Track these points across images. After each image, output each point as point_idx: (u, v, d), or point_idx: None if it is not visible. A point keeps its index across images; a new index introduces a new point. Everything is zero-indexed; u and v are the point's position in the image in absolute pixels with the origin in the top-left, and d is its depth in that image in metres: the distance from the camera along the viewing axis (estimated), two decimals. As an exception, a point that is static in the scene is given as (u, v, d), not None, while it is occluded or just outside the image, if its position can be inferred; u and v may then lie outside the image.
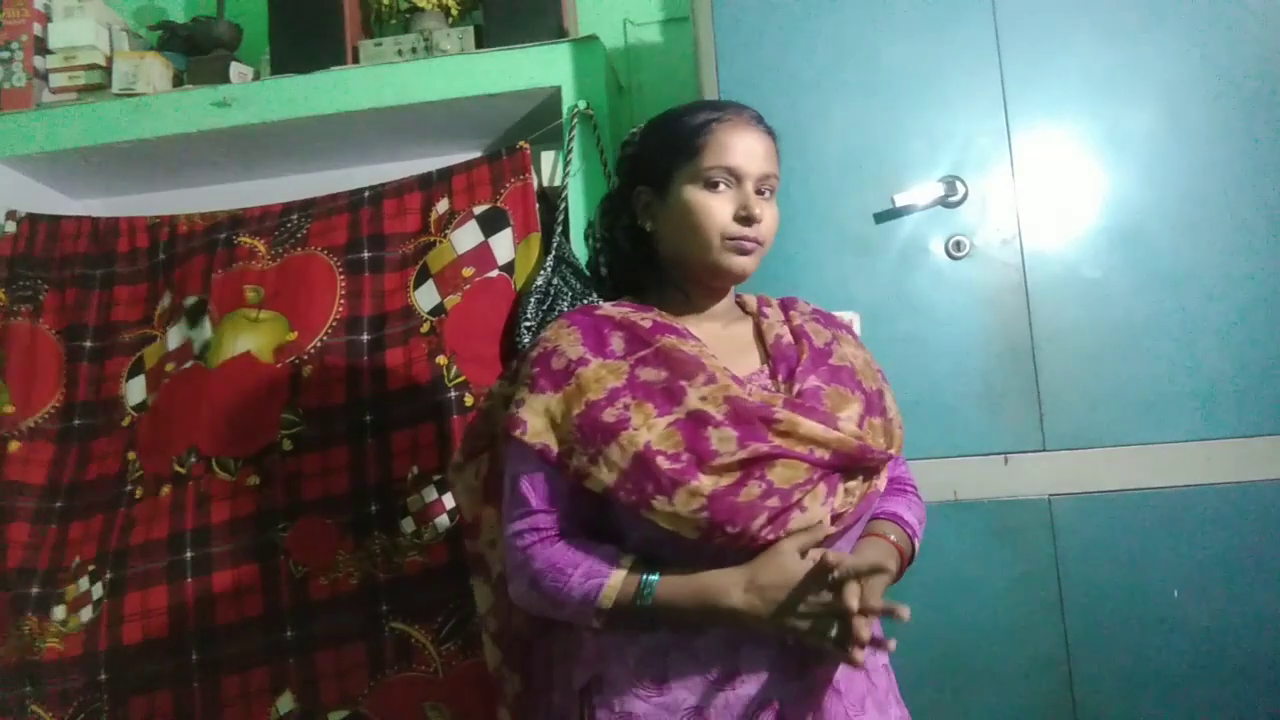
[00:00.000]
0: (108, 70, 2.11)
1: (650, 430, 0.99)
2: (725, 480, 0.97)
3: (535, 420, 1.04)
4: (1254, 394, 1.54)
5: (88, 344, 1.90)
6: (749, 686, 0.99)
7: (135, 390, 1.85)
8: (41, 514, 1.80)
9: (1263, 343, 1.55)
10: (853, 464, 1.03)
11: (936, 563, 1.24)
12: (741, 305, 1.23)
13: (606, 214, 1.24)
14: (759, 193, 1.11)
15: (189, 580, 1.69)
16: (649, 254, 1.18)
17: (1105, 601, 1.53)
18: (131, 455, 1.81)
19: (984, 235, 1.61)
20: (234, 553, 1.70)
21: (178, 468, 1.75)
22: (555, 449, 1.03)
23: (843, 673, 1.00)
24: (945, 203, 1.62)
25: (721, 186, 1.10)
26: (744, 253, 1.10)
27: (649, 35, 2.23)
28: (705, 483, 0.97)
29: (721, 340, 1.13)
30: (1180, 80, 1.63)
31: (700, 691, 0.99)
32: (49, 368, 1.89)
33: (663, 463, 0.97)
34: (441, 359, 1.72)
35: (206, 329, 1.83)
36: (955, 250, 1.61)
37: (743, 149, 1.10)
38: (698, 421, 1.00)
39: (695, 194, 1.10)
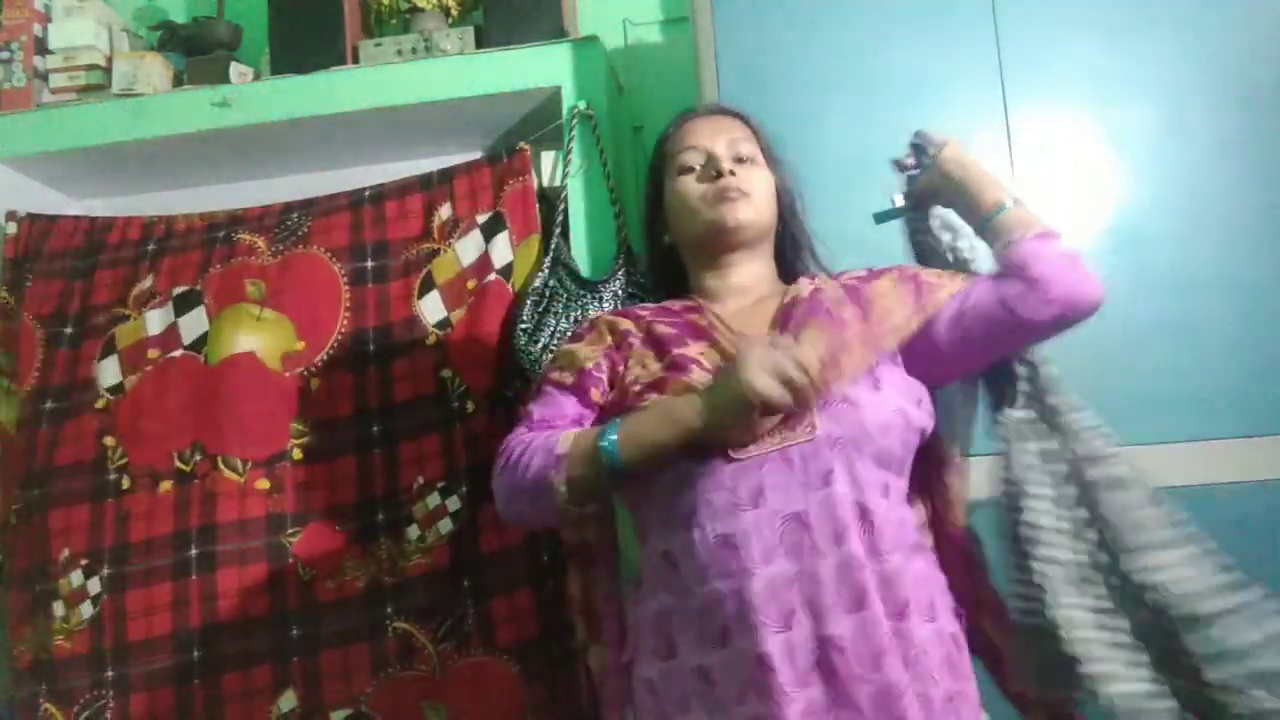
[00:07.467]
0: (108, 70, 2.10)
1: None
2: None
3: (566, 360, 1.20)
4: (1254, 394, 1.54)
5: (68, 330, 1.87)
6: (745, 641, 0.97)
7: (108, 371, 1.81)
8: (28, 504, 1.78)
9: (1263, 343, 1.55)
10: None
11: (936, 563, 1.24)
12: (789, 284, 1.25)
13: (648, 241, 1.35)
14: (737, 161, 1.21)
15: (194, 577, 1.68)
16: (679, 267, 1.30)
17: (1105, 602, 1.53)
18: (109, 440, 1.78)
19: (984, 235, 1.61)
20: (241, 553, 1.69)
21: (180, 464, 1.74)
22: (572, 377, 1.16)
23: (848, 628, 0.97)
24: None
25: (696, 169, 1.22)
26: (727, 199, 1.18)
27: (649, 35, 2.22)
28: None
29: (744, 313, 1.19)
30: (1180, 80, 1.63)
31: (701, 652, 1.00)
32: (29, 354, 1.87)
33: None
34: (446, 372, 1.73)
35: (201, 321, 1.81)
36: (955, 250, 1.60)
37: (703, 130, 1.25)
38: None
39: (676, 183, 1.24)
